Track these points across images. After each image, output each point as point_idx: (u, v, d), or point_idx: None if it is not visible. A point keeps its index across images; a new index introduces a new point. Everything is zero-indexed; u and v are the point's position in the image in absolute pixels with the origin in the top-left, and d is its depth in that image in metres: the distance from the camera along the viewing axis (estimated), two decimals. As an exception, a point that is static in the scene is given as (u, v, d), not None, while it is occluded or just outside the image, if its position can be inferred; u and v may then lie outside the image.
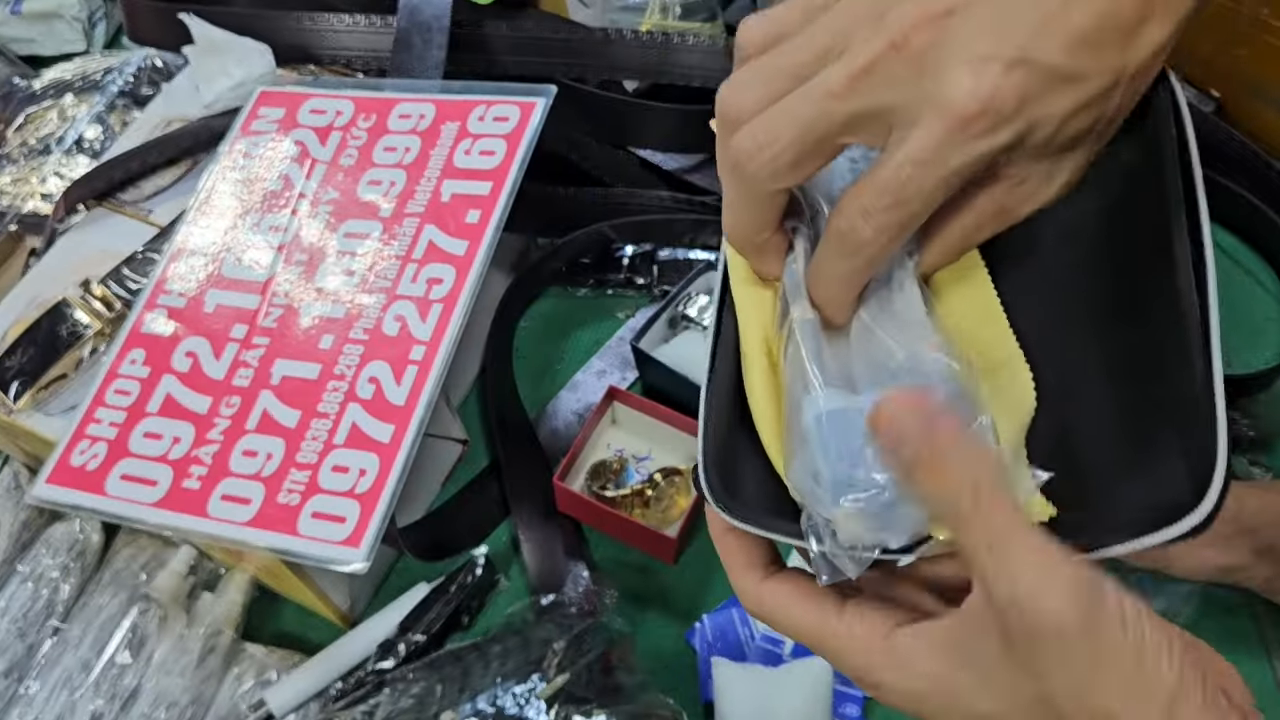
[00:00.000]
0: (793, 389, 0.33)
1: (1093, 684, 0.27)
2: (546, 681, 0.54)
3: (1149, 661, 0.27)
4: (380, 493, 0.52)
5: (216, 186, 0.65)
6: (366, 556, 0.50)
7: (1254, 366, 0.67)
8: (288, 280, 0.60)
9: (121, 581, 0.62)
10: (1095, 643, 0.27)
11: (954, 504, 0.28)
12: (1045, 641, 0.27)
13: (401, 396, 0.54)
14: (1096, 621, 0.27)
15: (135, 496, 0.54)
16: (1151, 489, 0.31)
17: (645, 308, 0.76)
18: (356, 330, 0.57)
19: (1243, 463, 0.64)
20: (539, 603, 0.58)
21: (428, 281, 0.58)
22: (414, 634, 0.59)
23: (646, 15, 0.87)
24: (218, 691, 0.59)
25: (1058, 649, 0.27)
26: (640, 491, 0.63)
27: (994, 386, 0.34)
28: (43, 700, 0.58)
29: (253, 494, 0.53)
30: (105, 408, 0.57)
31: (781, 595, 0.33)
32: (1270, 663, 0.57)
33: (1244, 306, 0.72)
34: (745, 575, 0.34)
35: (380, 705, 0.55)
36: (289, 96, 0.68)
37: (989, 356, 0.34)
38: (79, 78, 0.85)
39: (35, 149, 0.80)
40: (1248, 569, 0.54)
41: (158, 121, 0.73)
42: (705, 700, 0.58)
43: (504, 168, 0.61)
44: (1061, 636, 0.27)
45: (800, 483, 0.31)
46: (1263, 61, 0.73)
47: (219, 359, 0.57)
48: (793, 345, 0.34)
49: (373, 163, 0.64)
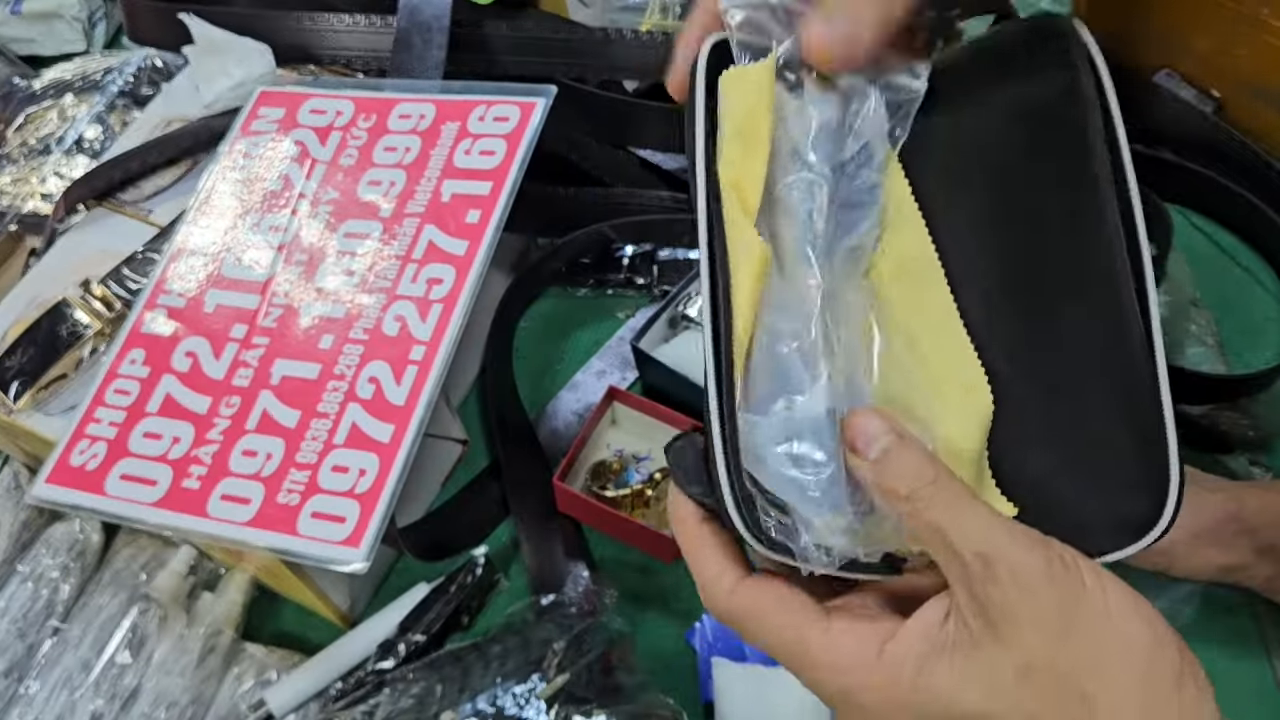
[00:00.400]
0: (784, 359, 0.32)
1: (1065, 642, 0.27)
2: (546, 681, 0.54)
3: (1117, 617, 0.28)
4: (380, 493, 0.51)
5: (216, 186, 0.65)
6: (366, 556, 0.50)
7: (1254, 366, 0.67)
8: (288, 280, 0.60)
9: (121, 581, 0.62)
10: (1061, 592, 0.28)
11: (914, 493, 0.29)
12: (1014, 600, 0.28)
13: (401, 396, 0.54)
14: (1060, 574, 0.28)
15: (135, 496, 0.54)
16: (1109, 501, 0.32)
17: (645, 308, 0.76)
18: (356, 330, 0.57)
19: (1243, 463, 0.64)
20: (539, 603, 0.58)
21: (428, 281, 0.58)
22: (414, 634, 0.59)
23: (646, 15, 0.87)
24: (218, 691, 0.59)
25: (1029, 604, 0.27)
26: (640, 491, 0.63)
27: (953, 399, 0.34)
28: (43, 700, 0.58)
29: (252, 494, 0.53)
30: (105, 408, 0.57)
31: (761, 601, 0.32)
32: (1270, 662, 0.57)
33: (1244, 306, 0.72)
34: (719, 578, 0.32)
35: (380, 705, 0.55)
36: (289, 96, 0.68)
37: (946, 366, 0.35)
38: (79, 78, 0.85)
39: (35, 149, 0.80)
40: (1248, 568, 0.54)
41: (158, 121, 0.73)
42: (705, 700, 0.58)
43: (504, 168, 0.61)
44: (1029, 589, 0.27)
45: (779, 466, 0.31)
46: (1263, 61, 0.73)
47: (219, 359, 0.57)
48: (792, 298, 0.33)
49: (373, 163, 0.64)
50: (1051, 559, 0.28)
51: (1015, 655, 0.28)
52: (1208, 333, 0.70)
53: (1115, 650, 0.27)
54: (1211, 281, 0.73)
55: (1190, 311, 0.72)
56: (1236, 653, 0.57)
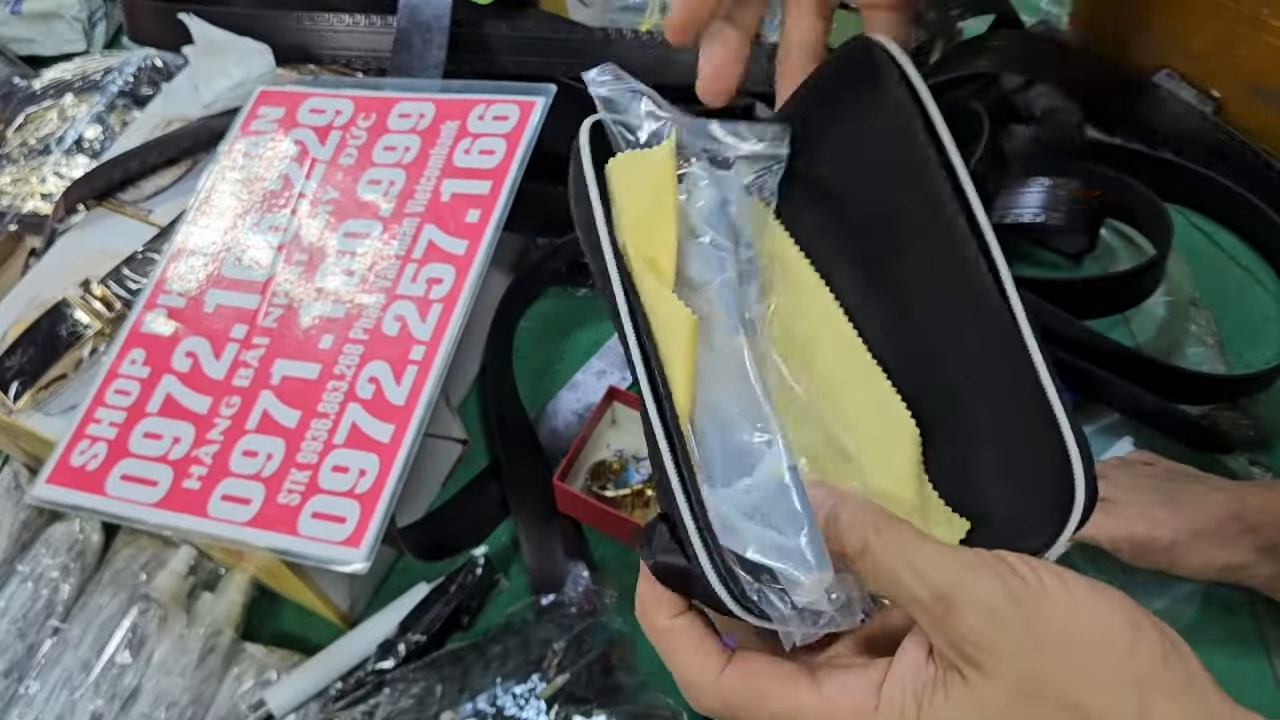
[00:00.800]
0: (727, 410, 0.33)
1: (1043, 657, 0.27)
2: (546, 681, 0.54)
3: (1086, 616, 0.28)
4: (380, 493, 0.51)
5: (216, 186, 0.65)
6: (366, 556, 0.50)
7: (1254, 366, 0.67)
8: (288, 280, 0.60)
9: (121, 581, 0.62)
10: (1027, 610, 0.27)
11: (865, 548, 0.30)
12: (983, 632, 0.28)
13: (401, 396, 0.54)
14: (1020, 590, 0.28)
15: (135, 496, 0.54)
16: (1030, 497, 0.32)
17: (645, 308, 0.76)
18: (356, 330, 0.57)
19: (1243, 463, 0.64)
20: (539, 603, 0.58)
21: (428, 281, 0.58)
22: (414, 634, 0.59)
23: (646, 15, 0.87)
24: (218, 691, 0.59)
25: (999, 633, 0.27)
26: (640, 491, 0.63)
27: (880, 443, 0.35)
28: (43, 700, 0.58)
29: (253, 494, 0.53)
30: (105, 408, 0.57)
31: (751, 679, 0.31)
32: (1270, 661, 0.57)
33: (1243, 306, 0.72)
34: (704, 671, 0.31)
35: (380, 705, 0.55)
36: (289, 96, 0.68)
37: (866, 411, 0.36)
38: (79, 78, 0.85)
39: (35, 149, 0.80)
40: (1250, 568, 0.54)
41: (158, 121, 0.73)
42: (705, 700, 0.58)
43: (504, 167, 0.61)
44: (996, 617, 0.28)
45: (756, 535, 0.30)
46: (1262, 61, 0.73)
47: (219, 359, 0.57)
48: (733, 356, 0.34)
49: (372, 162, 0.64)
50: (1007, 577, 0.28)
51: (1001, 683, 0.28)
52: (1208, 333, 0.70)
53: (1093, 650, 0.27)
54: (1211, 281, 0.73)
55: (1190, 311, 0.72)
56: (1237, 652, 0.57)
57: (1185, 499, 0.55)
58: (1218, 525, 0.54)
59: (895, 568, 0.29)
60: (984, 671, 0.28)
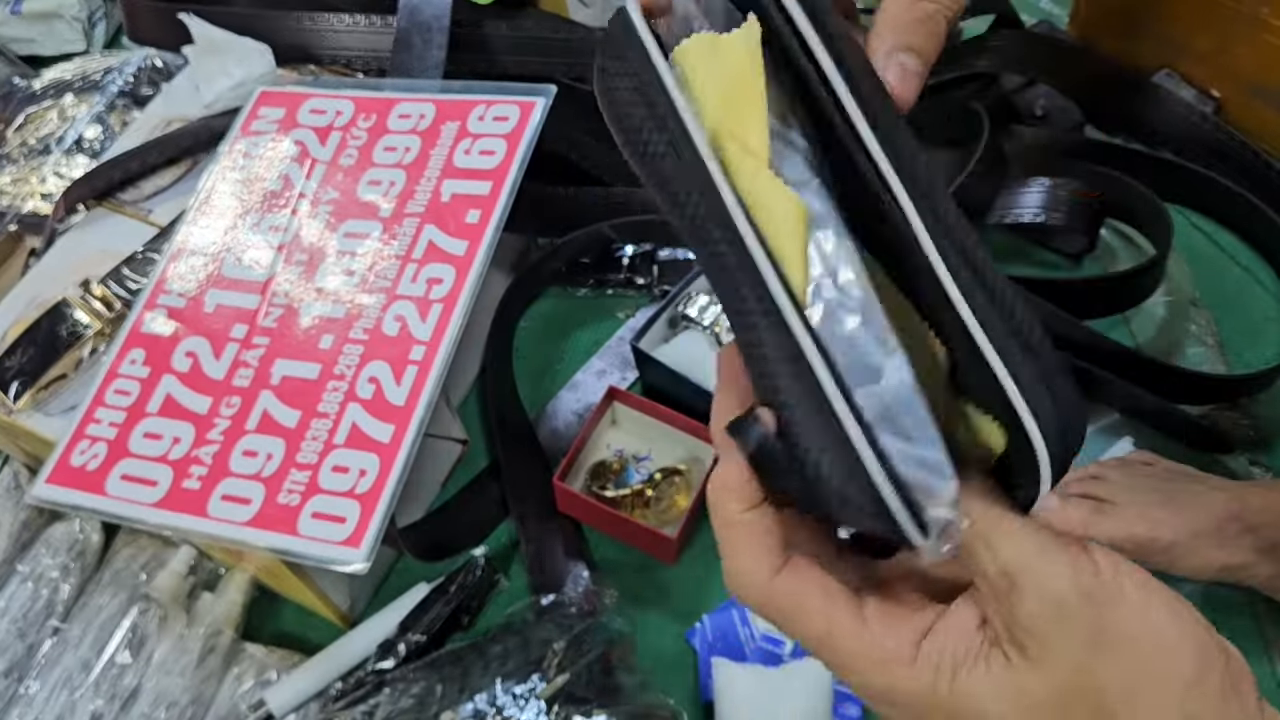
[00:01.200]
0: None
1: (1098, 664, 0.27)
2: (546, 681, 0.54)
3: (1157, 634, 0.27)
4: (380, 493, 0.51)
5: (216, 186, 0.65)
6: (366, 557, 0.50)
7: (1254, 366, 0.67)
8: (288, 280, 0.60)
9: (121, 581, 0.62)
10: (1095, 610, 0.27)
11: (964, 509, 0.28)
12: (1042, 620, 0.27)
13: (401, 396, 0.54)
14: (1093, 588, 0.27)
15: (135, 496, 0.54)
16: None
17: (645, 308, 0.76)
18: (356, 330, 0.57)
19: (1243, 463, 0.64)
20: (539, 603, 0.58)
21: (428, 281, 0.58)
22: (414, 634, 0.59)
23: (646, 15, 0.87)
24: (218, 691, 0.59)
25: (1058, 625, 0.27)
26: (640, 491, 0.63)
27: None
28: (43, 700, 0.58)
29: (253, 494, 0.53)
30: (105, 408, 0.57)
31: (801, 589, 0.30)
32: (1271, 661, 0.57)
33: (1243, 306, 0.72)
34: (760, 566, 0.30)
35: (380, 705, 0.55)
36: (289, 96, 0.68)
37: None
38: (79, 78, 0.85)
39: (35, 149, 0.80)
40: (1250, 567, 0.54)
41: (158, 121, 0.73)
42: (705, 700, 0.58)
43: (504, 167, 0.61)
44: (1058, 608, 0.27)
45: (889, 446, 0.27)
46: (1263, 61, 0.74)
47: (219, 359, 0.57)
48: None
49: (373, 162, 0.64)
50: (1083, 571, 0.27)
51: (1046, 676, 0.27)
52: (1207, 333, 0.71)
53: (1154, 676, 0.26)
54: (1211, 281, 0.73)
55: (1190, 311, 0.72)
56: (1237, 652, 0.57)
57: (1185, 499, 0.55)
58: (1218, 525, 0.54)
59: (969, 537, 0.28)
60: (1030, 659, 0.27)
